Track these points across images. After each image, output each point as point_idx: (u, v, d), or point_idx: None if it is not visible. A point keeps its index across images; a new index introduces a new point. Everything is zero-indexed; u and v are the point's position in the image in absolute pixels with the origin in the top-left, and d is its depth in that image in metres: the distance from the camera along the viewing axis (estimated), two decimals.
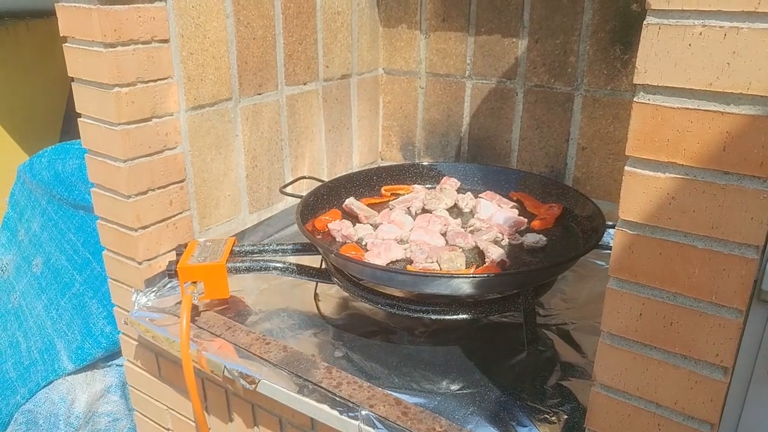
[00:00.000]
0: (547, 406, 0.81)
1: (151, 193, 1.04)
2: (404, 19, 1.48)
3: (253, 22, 1.18)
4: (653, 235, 0.54)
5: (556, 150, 1.35)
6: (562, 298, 1.07)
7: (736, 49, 0.45)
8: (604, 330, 0.61)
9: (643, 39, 0.49)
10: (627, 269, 0.57)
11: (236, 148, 1.21)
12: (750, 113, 0.46)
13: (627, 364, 0.60)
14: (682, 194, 0.51)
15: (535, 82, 1.34)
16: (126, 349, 1.20)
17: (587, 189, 1.30)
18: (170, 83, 1.04)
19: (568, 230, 1.08)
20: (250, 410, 0.99)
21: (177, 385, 1.11)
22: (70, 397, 1.52)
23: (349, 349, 0.94)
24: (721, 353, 0.55)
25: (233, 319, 1.01)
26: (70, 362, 1.53)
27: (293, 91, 1.32)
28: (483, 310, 0.93)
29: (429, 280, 0.88)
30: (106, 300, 1.57)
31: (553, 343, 0.95)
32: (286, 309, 1.05)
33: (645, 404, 0.61)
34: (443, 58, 1.45)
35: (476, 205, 1.18)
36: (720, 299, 0.53)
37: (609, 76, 1.24)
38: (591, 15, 1.22)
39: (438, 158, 1.54)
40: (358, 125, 1.54)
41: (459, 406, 0.81)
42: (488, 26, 1.36)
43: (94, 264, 1.55)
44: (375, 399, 0.82)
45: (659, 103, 0.50)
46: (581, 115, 1.29)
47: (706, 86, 0.48)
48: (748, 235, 0.50)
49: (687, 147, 0.50)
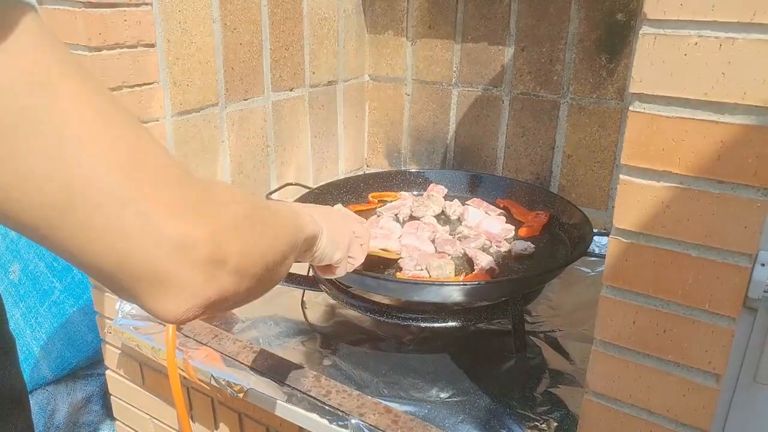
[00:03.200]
0: (536, 413, 0.81)
1: None
2: (391, 25, 1.48)
3: (240, 27, 1.17)
4: (647, 244, 0.55)
5: (541, 157, 1.36)
6: (549, 305, 1.07)
7: (732, 60, 0.46)
8: (597, 337, 0.61)
9: (639, 48, 0.50)
10: (621, 277, 0.57)
11: (222, 154, 1.20)
12: (745, 123, 0.47)
13: (620, 372, 0.60)
14: (676, 203, 0.52)
15: (521, 90, 1.34)
16: (108, 358, 1.18)
17: (572, 196, 1.31)
18: (156, 88, 1.03)
19: (556, 238, 1.09)
20: (236, 419, 0.98)
21: (161, 394, 1.09)
22: (50, 407, 1.49)
23: (338, 357, 0.93)
24: (713, 360, 0.55)
25: (219, 328, 1.00)
26: (50, 371, 1.51)
27: (279, 97, 1.31)
28: (472, 317, 0.93)
29: (419, 288, 0.88)
30: (88, 308, 1.55)
31: (541, 350, 0.95)
32: (273, 317, 1.04)
33: (638, 411, 0.61)
34: (430, 65, 1.46)
35: (464, 212, 1.18)
36: (713, 307, 0.53)
37: (595, 85, 1.25)
38: (577, 24, 1.23)
39: (424, 165, 1.54)
40: (344, 132, 1.54)
41: (449, 414, 0.81)
42: (475, 34, 1.37)
43: (75, 271, 1.52)
44: (365, 407, 0.81)
45: (654, 113, 0.50)
46: (567, 123, 1.30)
47: (701, 96, 0.48)
48: (741, 243, 0.50)
49: (682, 156, 0.50)
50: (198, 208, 0.39)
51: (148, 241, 0.36)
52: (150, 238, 0.36)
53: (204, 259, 0.39)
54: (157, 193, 0.37)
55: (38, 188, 0.33)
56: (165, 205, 0.37)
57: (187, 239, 0.38)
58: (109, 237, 0.35)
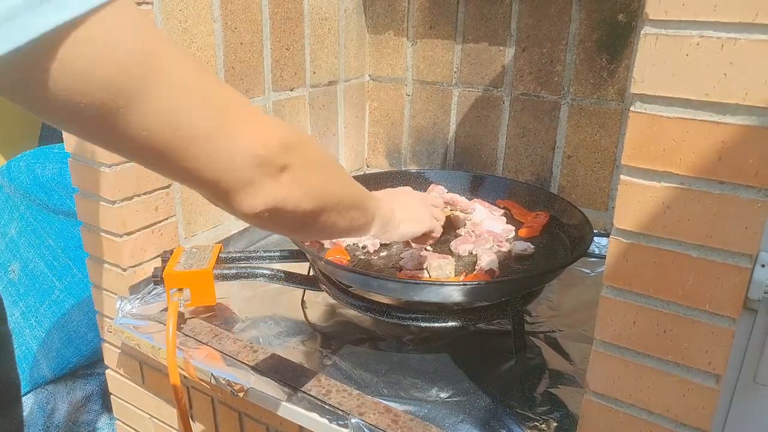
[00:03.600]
0: (536, 413, 0.81)
1: (136, 199, 1.03)
2: (391, 26, 1.49)
3: (241, 26, 1.17)
4: (648, 244, 0.55)
5: (542, 158, 1.36)
6: (549, 305, 1.07)
7: (733, 60, 0.46)
8: (597, 338, 0.61)
9: (641, 49, 0.50)
10: (621, 277, 0.57)
11: None
12: (746, 123, 0.47)
13: (620, 372, 0.61)
14: (677, 203, 0.52)
15: (521, 91, 1.34)
16: (108, 357, 1.18)
17: (573, 197, 1.31)
18: None
19: (556, 238, 1.09)
20: (236, 419, 0.98)
21: (161, 393, 1.09)
22: (50, 406, 1.49)
23: (338, 357, 0.93)
24: (713, 361, 0.55)
25: (220, 327, 1.00)
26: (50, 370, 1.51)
27: (280, 97, 1.31)
28: (472, 317, 0.93)
29: (419, 288, 0.88)
30: (88, 307, 1.54)
31: (541, 350, 0.95)
32: (273, 316, 1.04)
33: (637, 412, 0.61)
34: (430, 65, 1.46)
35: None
36: (713, 307, 0.53)
37: (595, 85, 1.25)
38: (578, 24, 1.23)
39: (424, 165, 1.54)
40: (345, 132, 1.54)
41: (449, 414, 0.81)
42: (475, 34, 1.37)
43: (75, 270, 1.52)
44: (365, 407, 0.81)
45: (656, 113, 0.50)
46: (567, 124, 1.30)
47: (702, 96, 0.48)
48: (742, 244, 0.50)
49: (683, 156, 0.50)
50: (273, 126, 0.52)
51: (235, 159, 0.48)
52: (237, 158, 0.48)
53: (272, 162, 0.50)
54: (236, 125, 0.48)
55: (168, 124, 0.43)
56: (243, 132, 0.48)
57: (260, 147, 0.49)
58: (212, 155, 0.46)
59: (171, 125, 0.43)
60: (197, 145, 0.45)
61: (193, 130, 0.45)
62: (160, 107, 0.42)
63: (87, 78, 0.38)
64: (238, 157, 0.48)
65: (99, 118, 0.40)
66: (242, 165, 0.48)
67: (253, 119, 0.50)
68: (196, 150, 0.45)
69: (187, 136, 0.45)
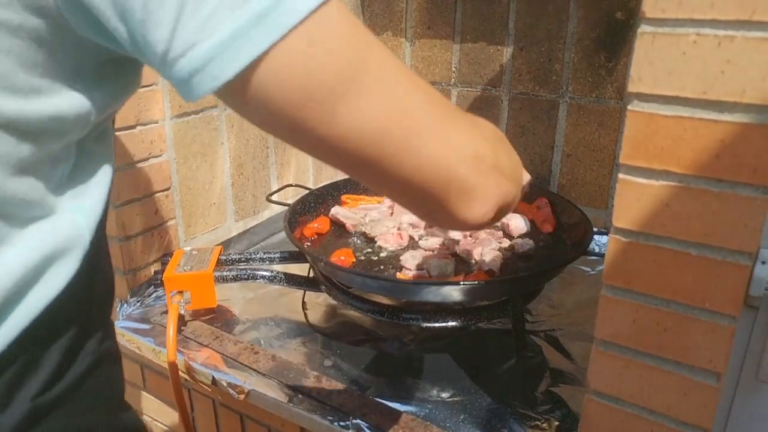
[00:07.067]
0: (538, 412, 0.81)
1: (136, 202, 1.03)
2: (389, 26, 1.48)
3: None
4: (647, 242, 0.55)
5: (541, 157, 1.36)
6: (549, 304, 1.07)
7: (731, 58, 0.46)
8: (597, 337, 0.61)
9: (638, 47, 0.50)
10: (621, 276, 0.57)
11: (222, 156, 1.20)
12: (744, 121, 0.47)
13: (620, 371, 0.60)
14: (675, 202, 0.52)
15: (520, 90, 1.34)
16: None
17: (572, 196, 1.31)
18: (155, 90, 1.03)
19: (555, 237, 1.09)
20: (238, 420, 0.98)
21: (162, 395, 1.09)
22: None
23: (339, 358, 0.93)
24: (714, 359, 0.55)
25: (220, 329, 1.00)
26: None
27: None
28: (472, 317, 0.93)
29: (419, 288, 0.88)
30: None
31: (542, 349, 0.95)
32: (274, 318, 1.04)
33: (638, 410, 0.61)
34: (429, 65, 1.46)
35: None
36: (713, 305, 0.53)
37: (594, 84, 1.25)
38: (576, 23, 1.23)
39: None
40: None
41: (450, 414, 0.81)
42: (474, 34, 1.37)
43: None
44: (366, 408, 0.81)
45: (653, 111, 0.50)
46: (566, 123, 1.30)
47: (700, 94, 0.48)
48: (741, 242, 0.50)
49: (681, 155, 0.50)
50: (477, 130, 0.50)
51: (452, 158, 0.46)
52: (453, 155, 0.46)
53: (491, 167, 0.49)
54: (450, 123, 0.46)
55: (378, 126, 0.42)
56: (457, 130, 0.46)
57: (478, 152, 0.48)
58: (425, 157, 0.44)
59: (392, 116, 0.42)
60: (421, 137, 0.44)
61: (415, 121, 0.43)
62: (380, 99, 0.42)
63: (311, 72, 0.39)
64: (458, 161, 0.46)
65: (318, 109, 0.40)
66: (465, 164, 0.47)
67: (460, 114, 0.49)
68: (417, 142, 0.44)
69: (409, 127, 0.43)
